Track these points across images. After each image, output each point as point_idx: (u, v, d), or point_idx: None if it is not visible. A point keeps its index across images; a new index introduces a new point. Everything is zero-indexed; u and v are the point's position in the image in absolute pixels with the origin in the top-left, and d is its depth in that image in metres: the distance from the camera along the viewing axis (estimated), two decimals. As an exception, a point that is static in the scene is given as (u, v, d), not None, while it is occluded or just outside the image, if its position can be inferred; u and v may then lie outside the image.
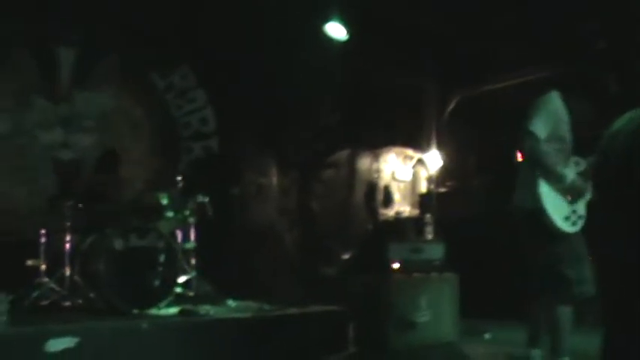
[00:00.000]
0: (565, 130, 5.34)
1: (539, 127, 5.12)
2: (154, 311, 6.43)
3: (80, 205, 7.14)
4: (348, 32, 9.13)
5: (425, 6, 9.19)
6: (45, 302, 6.67)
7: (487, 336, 7.65)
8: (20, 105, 8.35)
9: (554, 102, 5.30)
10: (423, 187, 11.58)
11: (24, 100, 8.39)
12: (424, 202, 11.20)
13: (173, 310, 6.54)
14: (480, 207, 10.06)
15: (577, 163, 5.34)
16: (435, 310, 6.21)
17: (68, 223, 7.00)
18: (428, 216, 8.01)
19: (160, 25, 8.87)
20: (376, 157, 11.25)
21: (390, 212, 10.98)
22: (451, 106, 11.23)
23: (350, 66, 9.82)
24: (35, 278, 6.85)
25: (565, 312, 5.26)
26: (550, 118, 5.20)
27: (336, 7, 9.07)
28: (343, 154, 10.98)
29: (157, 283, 6.55)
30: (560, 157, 5.25)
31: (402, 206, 11.19)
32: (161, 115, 9.58)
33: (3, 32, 8.11)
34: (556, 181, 5.18)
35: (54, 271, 6.92)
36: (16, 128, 8.30)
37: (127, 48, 8.97)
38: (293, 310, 6.63)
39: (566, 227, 5.22)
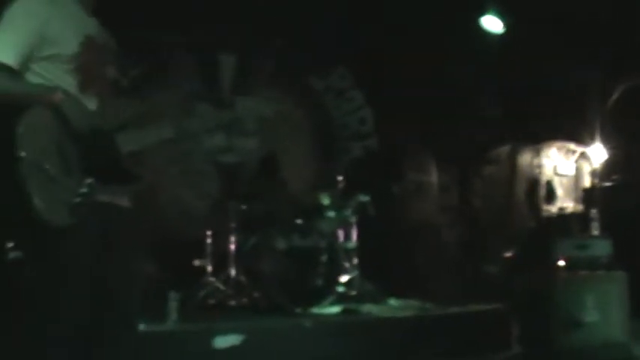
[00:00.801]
0: None
1: None
2: (316, 310, 6.52)
3: (243, 207, 7.33)
4: (504, 24, 8.95)
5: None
6: (212, 301, 6.90)
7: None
8: (184, 111, 8.63)
9: None
10: (586, 182, 11.21)
11: (188, 105, 8.66)
12: (588, 196, 10.84)
13: (335, 309, 6.62)
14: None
15: None
16: (602, 310, 5.99)
17: (232, 225, 7.20)
18: (593, 211, 7.77)
19: (317, 27, 8.96)
20: (538, 152, 10.98)
21: (553, 208, 10.70)
22: (615, 97, 10.83)
23: (509, 59, 9.62)
24: (202, 278, 7.09)
25: None
26: None
27: (492, -1, 8.93)
28: (504, 150, 10.79)
29: (319, 282, 6.65)
30: None
31: (565, 202, 10.86)
32: (320, 117, 9.71)
33: (167, 40, 8.41)
34: None
35: (219, 271, 7.14)
36: (181, 133, 8.58)
37: (285, 51, 9.13)
38: (455, 309, 6.58)
39: None
